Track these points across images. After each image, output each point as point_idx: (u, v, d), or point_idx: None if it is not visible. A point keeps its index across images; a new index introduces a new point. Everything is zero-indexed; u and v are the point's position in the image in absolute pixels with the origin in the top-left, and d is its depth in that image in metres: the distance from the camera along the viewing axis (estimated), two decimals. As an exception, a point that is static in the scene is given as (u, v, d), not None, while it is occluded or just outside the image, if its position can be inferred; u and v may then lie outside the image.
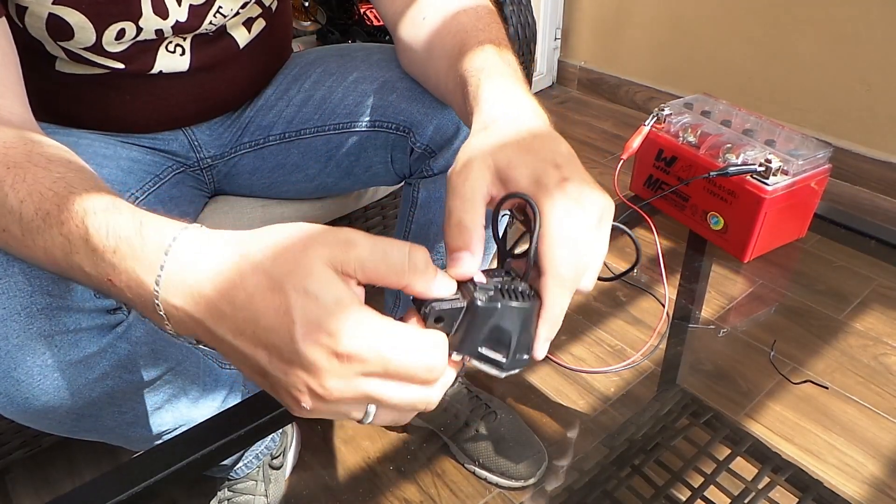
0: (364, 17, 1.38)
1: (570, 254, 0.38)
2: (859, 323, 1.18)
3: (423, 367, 0.34)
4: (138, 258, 0.36)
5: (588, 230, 0.39)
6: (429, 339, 0.34)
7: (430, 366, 0.34)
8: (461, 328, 0.36)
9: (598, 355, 1.15)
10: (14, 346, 0.47)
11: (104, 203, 0.39)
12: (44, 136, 0.47)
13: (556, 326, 0.40)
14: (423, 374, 0.34)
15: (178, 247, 0.35)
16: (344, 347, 0.31)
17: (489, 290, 0.36)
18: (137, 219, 0.37)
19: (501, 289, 0.37)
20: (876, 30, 1.51)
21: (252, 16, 0.71)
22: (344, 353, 0.32)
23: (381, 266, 0.33)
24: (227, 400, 0.74)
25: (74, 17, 0.58)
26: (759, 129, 0.73)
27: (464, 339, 0.36)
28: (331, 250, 0.33)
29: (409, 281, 0.34)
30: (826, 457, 0.95)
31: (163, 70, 0.67)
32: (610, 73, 2.17)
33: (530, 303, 0.38)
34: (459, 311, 0.35)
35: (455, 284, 0.36)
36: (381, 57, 0.73)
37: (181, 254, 0.35)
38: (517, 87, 0.47)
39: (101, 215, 0.38)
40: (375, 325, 0.33)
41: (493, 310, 0.36)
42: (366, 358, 0.32)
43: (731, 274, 1.29)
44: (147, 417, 0.63)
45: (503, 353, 0.38)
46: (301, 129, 0.76)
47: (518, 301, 0.37)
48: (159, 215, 0.38)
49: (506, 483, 0.94)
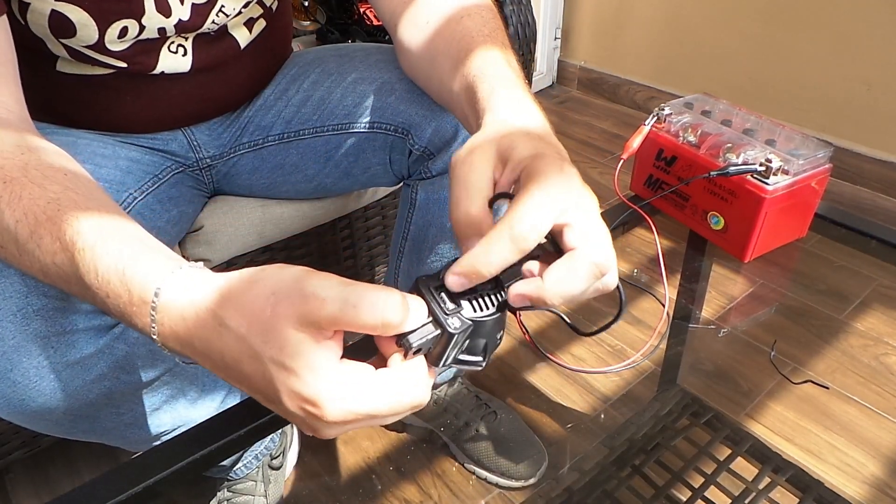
0: (364, 16, 1.38)
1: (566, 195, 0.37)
2: (860, 323, 1.17)
3: (409, 407, 0.36)
4: (127, 310, 0.38)
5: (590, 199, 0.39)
6: (409, 382, 0.36)
7: (415, 404, 0.36)
8: (438, 346, 0.37)
9: (598, 355, 1.15)
10: (10, 348, 0.47)
11: (92, 237, 0.40)
12: (41, 140, 0.47)
13: (549, 296, 0.36)
14: (410, 411, 0.36)
15: (161, 308, 0.37)
16: (330, 416, 0.33)
17: (460, 309, 0.37)
18: (120, 268, 0.38)
19: (474, 297, 0.38)
20: (876, 29, 1.50)
21: (253, 16, 0.71)
22: (331, 421, 0.33)
23: (354, 321, 0.33)
24: (226, 400, 0.74)
25: (77, 14, 0.58)
26: (760, 129, 0.73)
27: (442, 355, 0.37)
28: (299, 311, 0.33)
29: (384, 331, 0.34)
30: (826, 457, 0.95)
31: (165, 70, 0.67)
32: (610, 73, 2.17)
33: (502, 303, 0.38)
34: (436, 339, 0.37)
35: (425, 307, 0.36)
36: (380, 58, 0.73)
37: (166, 315, 0.37)
38: (528, 98, 0.46)
39: (88, 253, 0.39)
40: (357, 385, 0.34)
41: (466, 330, 0.37)
42: (354, 418, 0.34)
43: (732, 274, 1.29)
44: (145, 418, 0.63)
45: (481, 355, 0.39)
46: (300, 129, 0.75)
47: (490, 307, 0.38)
48: (142, 253, 0.39)
49: (506, 483, 0.94)
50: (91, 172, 0.47)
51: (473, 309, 0.37)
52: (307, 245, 1.00)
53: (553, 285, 0.36)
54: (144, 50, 0.64)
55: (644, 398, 1.05)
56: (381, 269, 1.15)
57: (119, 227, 0.41)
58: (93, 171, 0.53)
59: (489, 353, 0.40)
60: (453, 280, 0.36)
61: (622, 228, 0.76)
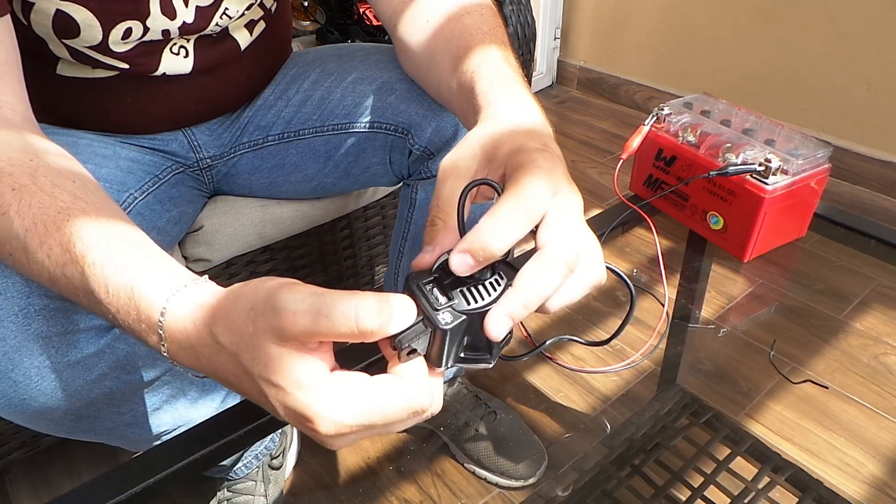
0: (363, 16, 1.38)
1: (548, 193, 0.36)
2: (859, 322, 1.18)
3: (409, 412, 0.34)
4: (136, 327, 0.39)
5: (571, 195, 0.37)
6: (406, 387, 0.34)
7: (416, 408, 0.34)
8: (434, 345, 0.35)
9: (598, 355, 1.15)
10: (11, 348, 0.47)
11: (102, 252, 0.40)
12: (46, 142, 0.47)
13: (525, 302, 0.34)
14: (412, 416, 0.34)
15: (167, 328, 0.38)
16: (324, 431, 0.33)
17: (452, 302, 0.35)
18: (129, 286, 0.39)
19: (468, 287, 0.35)
20: (876, 29, 1.50)
21: (254, 18, 0.71)
22: (331, 434, 0.33)
23: (330, 332, 0.32)
24: (227, 400, 0.74)
25: (82, 15, 0.58)
26: (759, 129, 0.73)
27: (441, 354, 0.35)
28: (275, 326, 0.32)
29: (363, 337, 0.32)
30: (826, 456, 0.95)
31: (166, 72, 0.67)
32: (609, 73, 2.17)
33: (498, 292, 0.35)
34: (428, 337, 0.35)
35: (413, 305, 0.34)
36: (380, 57, 0.73)
37: (172, 335, 0.38)
38: (526, 95, 0.46)
39: (98, 269, 0.39)
40: (347, 396, 0.33)
41: (461, 325, 0.34)
42: (353, 430, 0.33)
43: (731, 274, 1.29)
44: (146, 418, 0.63)
45: (485, 351, 0.37)
46: (300, 129, 0.75)
47: (485, 299, 0.35)
48: (149, 269, 0.40)
49: (506, 483, 0.94)
50: (92, 172, 0.47)
51: (467, 301, 0.35)
52: (307, 245, 1.00)
53: (524, 290, 0.34)
54: (147, 51, 0.64)
55: (644, 398, 1.05)
56: (381, 269, 1.15)
57: (126, 237, 0.41)
58: (93, 171, 0.53)
59: (496, 349, 0.37)
60: (458, 260, 0.34)
61: (622, 228, 0.76)
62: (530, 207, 0.34)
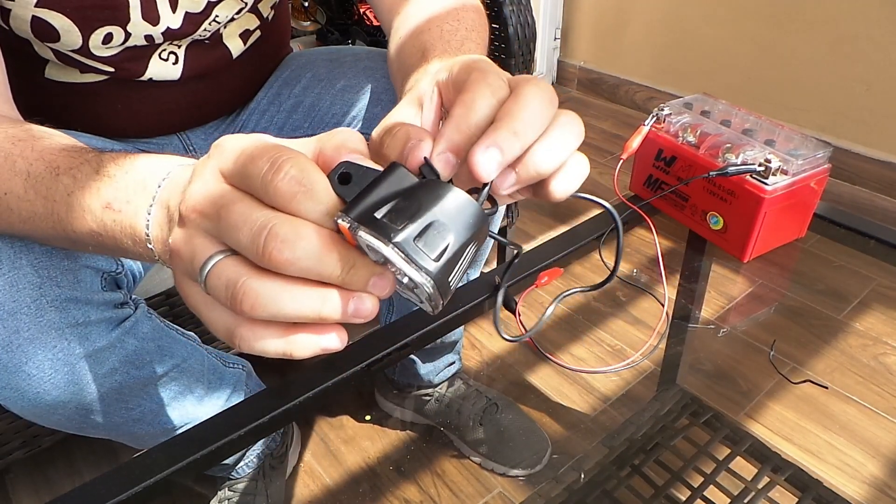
0: (364, 17, 1.38)
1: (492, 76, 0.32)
2: (859, 323, 1.18)
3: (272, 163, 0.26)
4: (136, 199, 0.36)
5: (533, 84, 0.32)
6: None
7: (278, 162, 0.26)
8: (367, 197, 0.27)
9: (598, 355, 1.15)
10: (25, 340, 0.48)
11: (112, 154, 0.39)
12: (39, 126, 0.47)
13: (465, 124, 0.30)
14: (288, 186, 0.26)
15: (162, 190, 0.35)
16: (229, 149, 0.29)
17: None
18: (138, 166, 0.38)
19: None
20: (876, 30, 1.51)
21: (250, 28, 0.71)
22: (230, 152, 0.29)
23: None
24: (231, 399, 0.74)
25: (59, 21, 0.57)
26: (759, 129, 0.73)
27: (363, 208, 0.26)
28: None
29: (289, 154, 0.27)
30: (826, 456, 0.95)
31: (153, 77, 0.66)
32: (609, 73, 2.17)
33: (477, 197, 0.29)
34: (373, 174, 0.27)
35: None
36: (369, 64, 0.73)
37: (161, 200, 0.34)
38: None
39: (110, 157, 0.38)
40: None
41: (393, 170, 0.27)
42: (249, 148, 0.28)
43: (731, 274, 1.30)
44: (153, 414, 0.63)
45: (434, 261, 0.26)
46: (291, 135, 0.76)
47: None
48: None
49: (513, 472, 0.94)
50: None
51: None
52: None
53: (463, 115, 0.30)
54: (133, 56, 0.64)
55: (644, 398, 1.05)
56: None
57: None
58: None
59: (455, 268, 0.27)
60: (443, 159, 0.29)
61: (622, 229, 0.76)
62: (494, 83, 0.31)
